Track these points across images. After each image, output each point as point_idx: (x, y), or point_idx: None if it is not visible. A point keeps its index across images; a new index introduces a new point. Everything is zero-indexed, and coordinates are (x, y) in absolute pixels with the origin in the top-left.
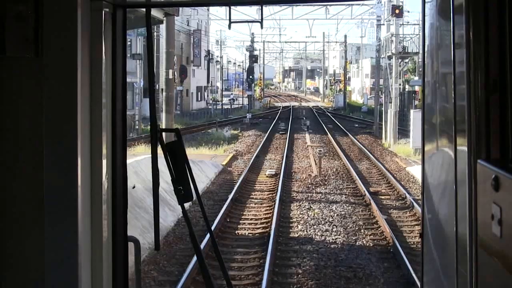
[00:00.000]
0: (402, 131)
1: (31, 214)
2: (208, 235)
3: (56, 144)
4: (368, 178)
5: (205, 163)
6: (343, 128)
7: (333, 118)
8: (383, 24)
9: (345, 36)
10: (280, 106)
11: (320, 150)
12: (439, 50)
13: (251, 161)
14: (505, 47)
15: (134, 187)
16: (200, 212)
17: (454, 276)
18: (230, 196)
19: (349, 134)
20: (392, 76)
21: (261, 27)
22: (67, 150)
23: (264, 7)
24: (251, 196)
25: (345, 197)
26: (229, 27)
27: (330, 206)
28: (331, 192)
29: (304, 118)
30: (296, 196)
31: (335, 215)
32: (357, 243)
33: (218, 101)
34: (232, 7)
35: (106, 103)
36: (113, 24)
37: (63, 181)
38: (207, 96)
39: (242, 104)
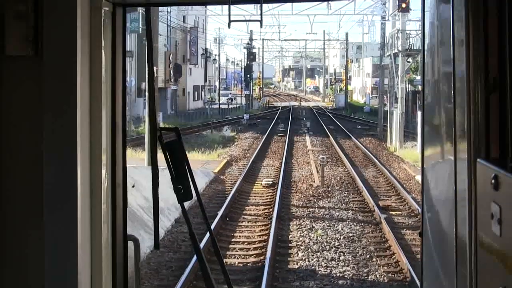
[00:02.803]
0: (407, 133)
1: (31, 214)
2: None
3: (55, 143)
4: (376, 189)
5: (195, 172)
6: (345, 130)
7: (334, 119)
8: (388, 20)
9: (347, 34)
10: (279, 106)
11: (323, 158)
12: (439, 49)
13: (247, 168)
14: (504, 46)
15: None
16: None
17: (453, 275)
18: (220, 213)
19: (352, 137)
20: (398, 74)
21: (261, 26)
22: (67, 149)
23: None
24: (244, 212)
25: (352, 214)
26: (229, 26)
27: (336, 225)
28: (336, 206)
29: (304, 119)
30: (296, 212)
31: (342, 237)
32: (369, 277)
33: (213, 101)
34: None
35: (106, 102)
36: (112, 22)
37: (63, 180)
38: (205, 95)
39: (241, 103)
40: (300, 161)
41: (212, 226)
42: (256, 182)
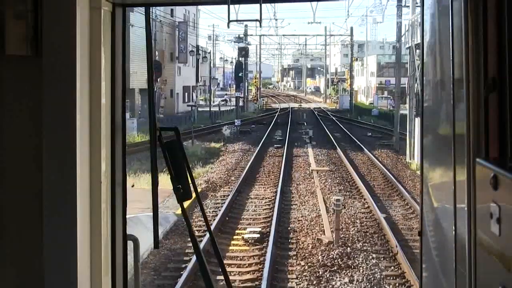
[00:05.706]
0: None
1: (31, 214)
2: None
3: (55, 143)
4: (412, 245)
5: (141, 220)
6: (354, 139)
7: (339, 124)
8: (406, 6)
9: (351, 29)
10: (277, 108)
11: (338, 200)
12: (438, 48)
13: (227, 202)
14: (504, 45)
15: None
16: None
17: (453, 275)
18: None
19: (364, 149)
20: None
21: (260, 25)
22: (66, 148)
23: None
24: None
25: None
26: (228, 25)
27: None
28: None
29: (306, 124)
30: None
31: None
32: None
33: (196, 105)
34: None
35: (105, 102)
36: (112, 22)
37: (63, 180)
38: (196, 96)
39: (236, 105)
40: (302, 189)
41: None
42: (237, 230)
